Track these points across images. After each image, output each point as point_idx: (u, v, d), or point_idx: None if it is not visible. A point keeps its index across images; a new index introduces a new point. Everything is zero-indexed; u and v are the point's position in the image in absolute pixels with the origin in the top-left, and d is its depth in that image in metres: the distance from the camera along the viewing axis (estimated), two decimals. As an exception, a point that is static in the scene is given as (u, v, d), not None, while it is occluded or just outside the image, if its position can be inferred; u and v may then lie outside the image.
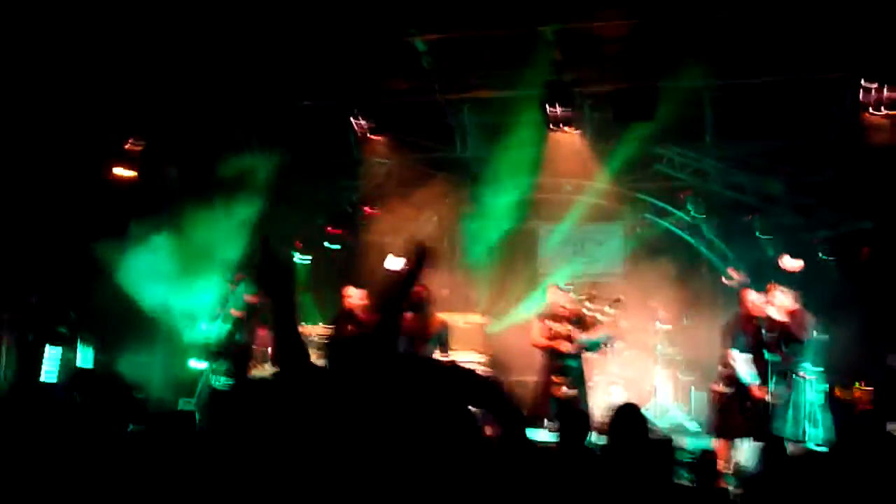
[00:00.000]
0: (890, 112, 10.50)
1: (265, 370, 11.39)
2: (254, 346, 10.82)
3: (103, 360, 11.15)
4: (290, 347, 3.10)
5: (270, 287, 3.17)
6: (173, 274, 12.27)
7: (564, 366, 9.31)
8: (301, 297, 13.57)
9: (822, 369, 8.68)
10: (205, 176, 12.19)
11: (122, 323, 11.66)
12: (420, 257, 3.64)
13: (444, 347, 9.82)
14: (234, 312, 10.39)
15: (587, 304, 9.69)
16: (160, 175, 12.32)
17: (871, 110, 10.55)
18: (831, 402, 9.37)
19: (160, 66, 10.75)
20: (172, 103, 11.50)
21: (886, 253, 11.26)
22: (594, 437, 5.83)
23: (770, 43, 10.43)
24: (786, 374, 8.41)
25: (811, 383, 8.45)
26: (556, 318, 9.62)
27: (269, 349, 11.23)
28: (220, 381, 10.35)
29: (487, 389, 3.11)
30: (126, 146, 11.85)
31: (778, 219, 12.38)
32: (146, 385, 11.82)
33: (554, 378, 9.28)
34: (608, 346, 11.42)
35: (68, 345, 10.97)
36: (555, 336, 9.45)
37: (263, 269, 3.15)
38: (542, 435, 9.62)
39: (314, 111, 12.54)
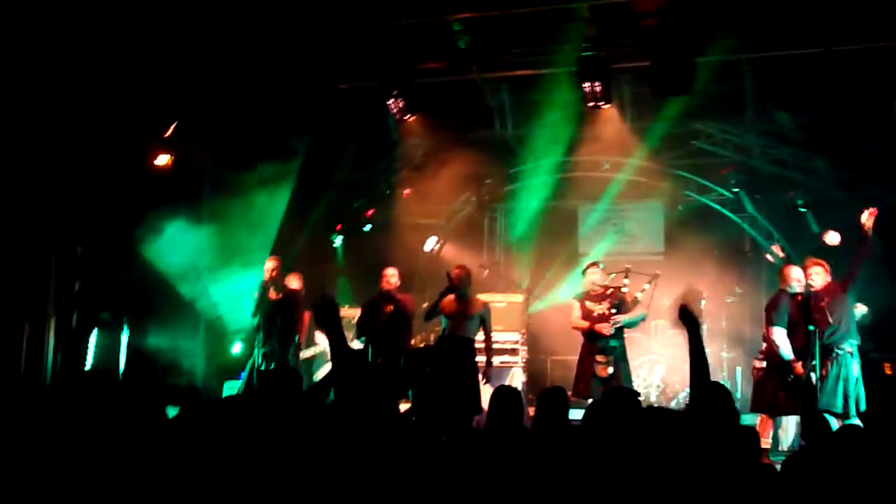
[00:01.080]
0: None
1: (312, 351, 11.50)
2: (298, 331, 10.85)
3: (144, 347, 11.25)
4: (344, 364, 4.20)
5: (325, 324, 4.31)
6: (214, 259, 12.37)
7: (606, 346, 9.23)
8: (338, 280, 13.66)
9: (861, 343, 8.53)
10: (242, 160, 12.24)
11: (164, 309, 11.76)
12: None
13: (486, 328, 9.79)
14: (273, 296, 10.43)
15: (625, 281, 9.59)
16: (196, 160, 12.37)
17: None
18: (877, 376, 9.25)
19: (195, 50, 10.79)
20: (208, 88, 11.54)
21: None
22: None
23: (812, 12, 10.24)
24: (831, 349, 8.29)
25: (857, 357, 8.33)
26: (594, 298, 9.54)
27: (311, 332, 11.30)
28: (266, 366, 10.40)
29: None
30: (165, 133, 11.92)
31: (821, 193, 12.21)
32: (190, 371, 12.00)
33: (597, 357, 9.20)
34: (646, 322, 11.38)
35: (110, 330, 11.08)
36: (594, 318, 9.37)
37: (320, 312, 4.33)
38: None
39: (351, 94, 12.54)
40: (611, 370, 9.09)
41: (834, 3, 10.09)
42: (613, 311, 9.24)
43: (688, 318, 4.52)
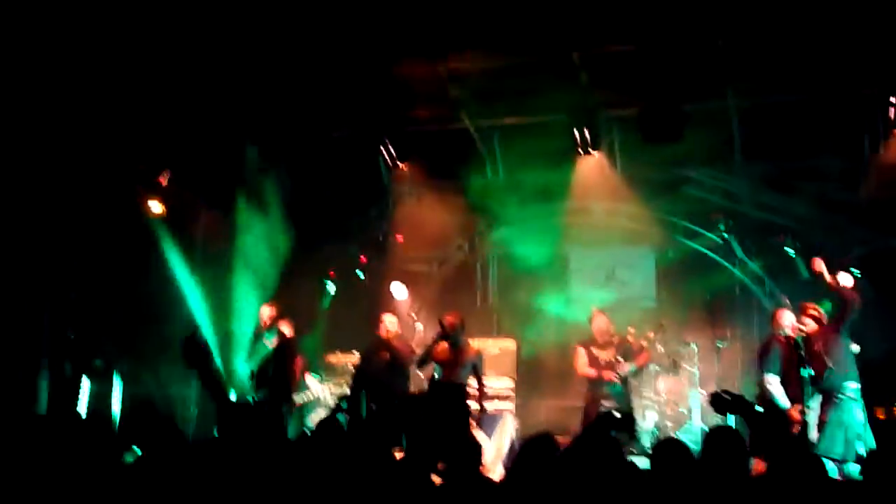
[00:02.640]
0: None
1: (303, 397, 11.49)
2: (293, 375, 10.87)
3: (139, 394, 11.23)
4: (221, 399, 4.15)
5: (192, 364, 4.13)
6: (208, 305, 12.37)
7: (612, 392, 9.31)
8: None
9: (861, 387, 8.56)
10: (236, 207, 12.30)
11: (158, 356, 11.74)
12: None
13: (479, 375, 9.84)
14: (269, 343, 10.45)
15: (630, 330, 9.69)
16: (191, 207, 12.44)
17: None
18: (872, 421, 9.27)
19: (193, 98, 10.90)
20: (202, 136, 11.64)
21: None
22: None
23: (798, 61, 10.40)
24: (831, 393, 8.31)
25: (859, 401, 8.34)
26: (600, 345, 9.63)
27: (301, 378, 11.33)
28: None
29: None
30: (159, 178, 12.00)
31: (810, 238, 12.30)
32: (183, 417, 11.96)
33: (603, 402, 9.29)
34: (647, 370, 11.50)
35: (103, 378, 11.07)
36: (601, 365, 9.46)
37: (185, 353, 4.12)
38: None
39: (344, 142, 12.64)
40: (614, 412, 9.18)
41: (819, 51, 10.24)
42: (619, 357, 9.32)
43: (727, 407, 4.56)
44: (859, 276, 11.52)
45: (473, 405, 9.74)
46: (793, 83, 10.80)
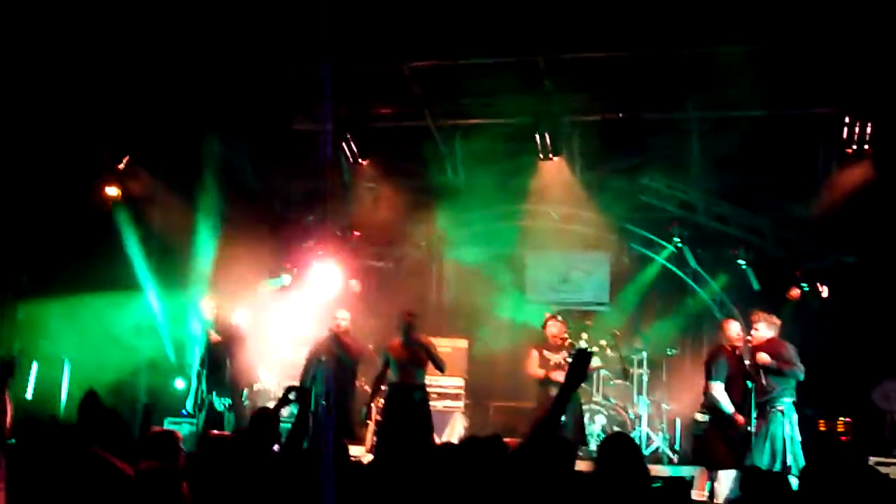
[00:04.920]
0: (870, 148, 10.68)
1: (256, 388, 11.46)
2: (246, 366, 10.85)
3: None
4: None
5: None
6: (157, 292, 12.27)
7: (561, 395, 9.37)
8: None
9: (794, 401, 8.68)
10: (192, 197, 12.22)
11: (105, 343, 11.62)
12: None
13: (434, 358, 9.83)
14: (214, 338, 10.39)
15: (583, 335, 9.79)
16: (149, 193, 12.35)
17: (853, 146, 10.70)
18: (812, 434, 9.43)
19: (150, 83, 10.82)
20: (159, 122, 11.56)
21: (870, 287, 11.35)
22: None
23: (759, 77, 10.55)
24: (763, 406, 8.45)
25: (788, 415, 8.47)
26: (551, 348, 9.71)
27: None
28: (222, 403, 10.35)
29: None
30: (118, 166, 11.89)
31: (763, 252, 12.47)
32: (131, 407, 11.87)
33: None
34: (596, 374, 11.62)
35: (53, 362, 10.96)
36: (551, 366, 9.54)
37: None
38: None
39: (305, 135, 12.61)
40: (563, 417, 9.22)
41: (778, 69, 10.40)
42: (569, 360, 9.41)
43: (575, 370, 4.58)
44: (807, 289, 11.78)
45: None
46: (752, 99, 10.94)
